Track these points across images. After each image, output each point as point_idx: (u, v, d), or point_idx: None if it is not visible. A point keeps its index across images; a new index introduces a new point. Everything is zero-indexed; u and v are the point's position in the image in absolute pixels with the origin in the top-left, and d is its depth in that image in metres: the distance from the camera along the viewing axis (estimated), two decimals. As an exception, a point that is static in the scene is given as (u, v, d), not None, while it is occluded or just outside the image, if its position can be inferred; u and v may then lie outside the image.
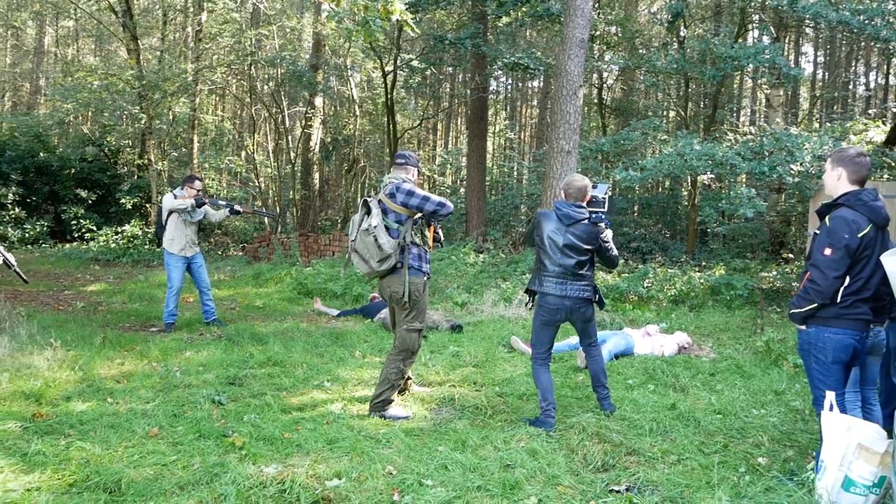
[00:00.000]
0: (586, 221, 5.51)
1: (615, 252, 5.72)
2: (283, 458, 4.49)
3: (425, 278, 5.68)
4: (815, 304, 4.10)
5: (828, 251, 4.05)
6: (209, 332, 8.90)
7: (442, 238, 6.11)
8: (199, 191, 9.11)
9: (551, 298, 5.55)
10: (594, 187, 5.71)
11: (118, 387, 6.21)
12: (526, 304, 6.00)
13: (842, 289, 4.05)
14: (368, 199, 5.66)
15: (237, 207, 9.56)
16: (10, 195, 20.02)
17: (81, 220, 20.34)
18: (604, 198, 5.64)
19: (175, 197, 8.99)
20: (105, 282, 13.99)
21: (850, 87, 28.12)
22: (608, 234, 5.76)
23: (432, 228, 5.86)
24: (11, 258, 6.11)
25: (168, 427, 5.12)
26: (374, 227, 5.45)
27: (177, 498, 3.87)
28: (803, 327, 4.23)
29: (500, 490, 4.09)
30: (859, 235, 3.99)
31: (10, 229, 19.70)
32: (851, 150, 4.24)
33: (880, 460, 3.72)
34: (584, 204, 5.60)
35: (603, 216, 5.61)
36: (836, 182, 4.23)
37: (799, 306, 4.18)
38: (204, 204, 9.09)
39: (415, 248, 5.61)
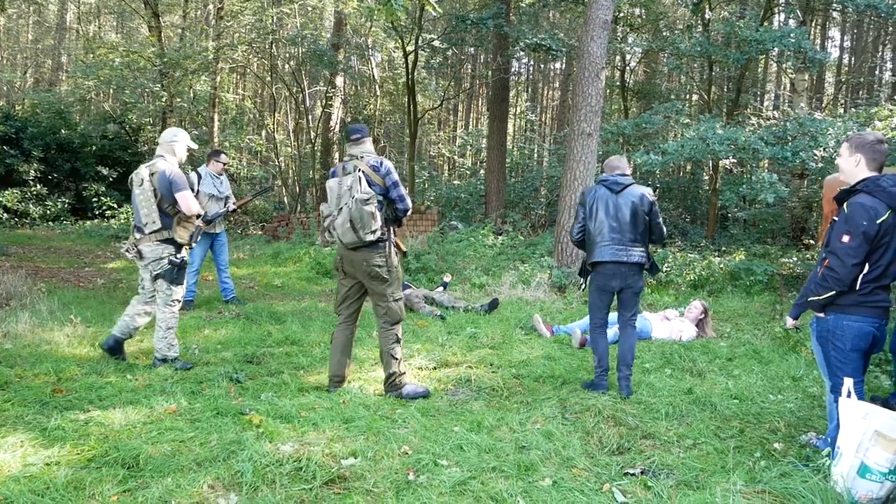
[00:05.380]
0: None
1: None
2: (300, 437, 4.52)
3: (396, 250, 5.69)
4: (834, 292, 4.08)
5: (846, 238, 4.02)
6: (228, 310, 8.95)
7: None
8: (224, 164, 9.15)
9: (608, 266, 5.79)
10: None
11: (137, 364, 6.26)
12: (580, 288, 6.19)
13: (861, 276, 4.03)
14: (347, 164, 5.52)
15: (231, 206, 9.21)
16: (32, 172, 20.13)
17: (102, 198, 20.44)
18: None
19: (200, 176, 8.96)
20: (125, 259, 14.06)
21: (877, 72, 27.74)
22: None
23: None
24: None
25: (186, 404, 5.16)
26: (372, 197, 5.36)
27: (194, 474, 3.91)
28: (822, 315, 4.21)
29: (515, 471, 4.10)
30: (878, 222, 3.96)
31: (31, 206, 19.81)
32: (870, 137, 4.19)
33: (897, 448, 3.69)
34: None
35: None
36: (855, 168, 4.19)
37: (817, 294, 4.17)
38: (211, 222, 8.90)
39: (388, 224, 5.59)
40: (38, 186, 20.34)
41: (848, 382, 4.02)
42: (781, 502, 3.73)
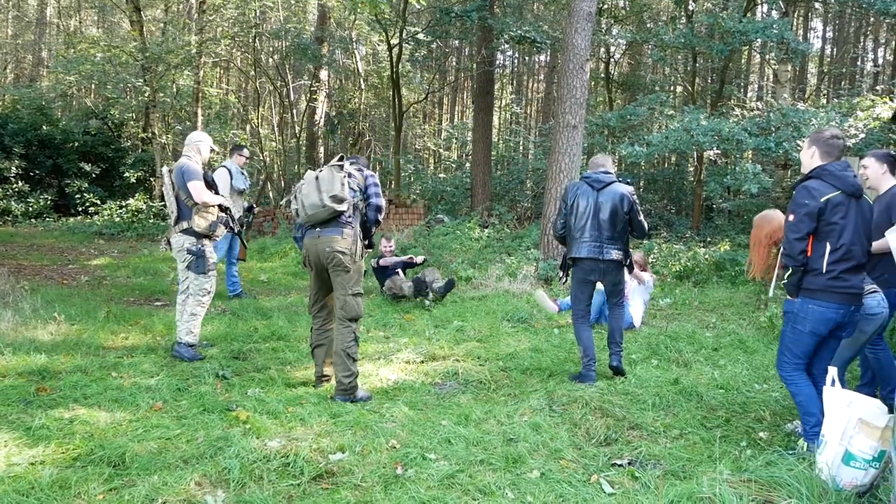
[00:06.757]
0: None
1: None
2: (287, 432, 4.50)
3: (363, 243, 5.58)
4: (791, 270, 4.27)
5: (790, 217, 4.26)
6: (213, 306, 8.89)
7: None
8: (247, 158, 9.52)
9: (586, 262, 5.95)
10: None
11: (122, 361, 6.22)
12: (560, 280, 6.33)
13: (826, 256, 4.17)
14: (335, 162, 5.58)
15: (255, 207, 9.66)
16: (13, 168, 19.96)
17: (85, 194, 20.27)
18: None
19: (230, 171, 9.16)
20: (109, 256, 13.99)
21: (859, 63, 27.89)
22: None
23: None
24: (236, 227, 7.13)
25: (172, 401, 5.15)
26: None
27: (181, 471, 3.88)
28: (792, 297, 4.36)
29: (503, 464, 4.11)
30: (821, 200, 4.17)
31: (13, 203, 19.65)
32: (827, 132, 4.44)
33: (880, 435, 3.72)
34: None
35: None
36: (810, 160, 4.44)
37: (781, 277, 4.40)
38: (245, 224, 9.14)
39: (357, 218, 5.49)
40: (20, 183, 20.15)
41: (832, 371, 4.06)
42: (767, 491, 3.75)
